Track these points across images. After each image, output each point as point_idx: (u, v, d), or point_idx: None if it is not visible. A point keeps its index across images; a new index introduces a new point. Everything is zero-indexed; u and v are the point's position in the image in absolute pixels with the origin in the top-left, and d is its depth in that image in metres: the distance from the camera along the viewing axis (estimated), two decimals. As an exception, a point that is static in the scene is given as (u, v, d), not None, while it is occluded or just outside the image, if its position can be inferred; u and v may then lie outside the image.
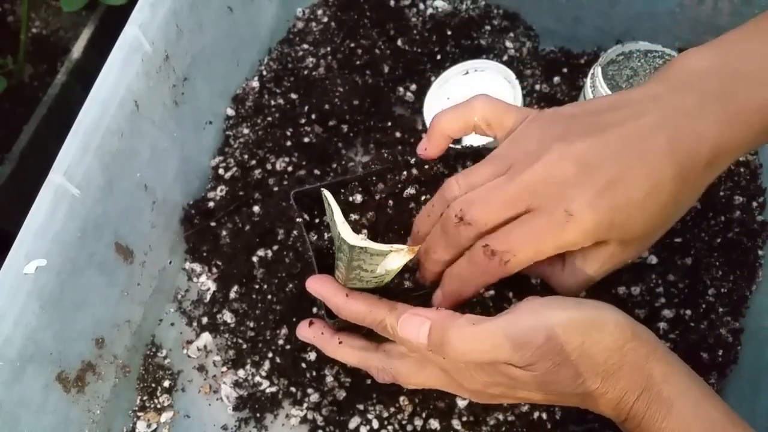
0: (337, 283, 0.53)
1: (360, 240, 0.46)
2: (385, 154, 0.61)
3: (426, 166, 0.60)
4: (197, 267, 0.71)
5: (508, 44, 0.82)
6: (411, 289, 0.52)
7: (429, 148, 0.56)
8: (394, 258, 0.47)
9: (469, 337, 0.45)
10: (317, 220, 0.59)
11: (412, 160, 0.60)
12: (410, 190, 0.58)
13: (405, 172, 0.60)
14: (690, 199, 0.49)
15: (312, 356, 0.64)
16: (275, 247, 0.69)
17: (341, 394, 0.64)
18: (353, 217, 0.58)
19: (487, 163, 0.51)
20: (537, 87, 0.79)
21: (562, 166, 0.46)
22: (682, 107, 0.47)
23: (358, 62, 0.80)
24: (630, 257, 0.50)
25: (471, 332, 0.45)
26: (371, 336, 0.55)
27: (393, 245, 0.46)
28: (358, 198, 0.59)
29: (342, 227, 0.46)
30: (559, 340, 0.44)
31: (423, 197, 0.58)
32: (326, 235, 0.58)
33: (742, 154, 0.48)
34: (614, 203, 0.46)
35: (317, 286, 0.53)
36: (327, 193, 0.48)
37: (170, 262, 0.72)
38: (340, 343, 0.56)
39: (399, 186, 0.59)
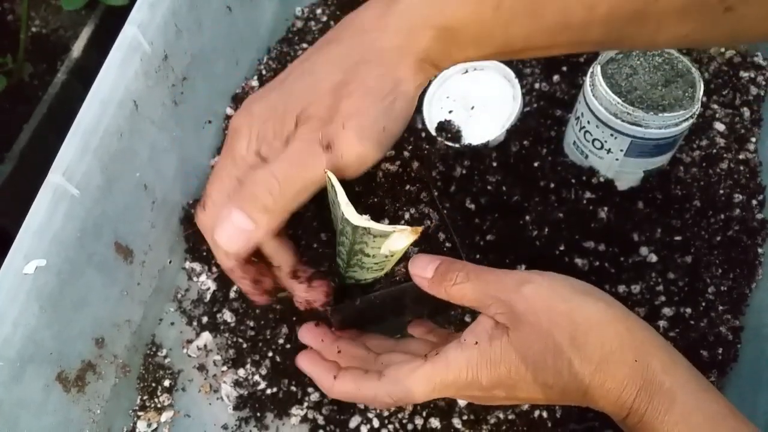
0: (325, 362, 0.55)
1: (364, 220, 0.46)
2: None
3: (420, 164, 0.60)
4: (197, 266, 0.71)
5: (508, 43, 0.82)
6: (404, 279, 0.53)
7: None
8: (398, 238, 0.47)
9: (465, 273, 0.49)
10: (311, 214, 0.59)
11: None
12: (408, 187, 0.59)
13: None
14: (398, 99, 0.50)
15: (312, 355, 0.64)
16: (275, 247, 0.69)
17: (341, 394, 0.64)
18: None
19: None
20: (536, 85, 0.79)
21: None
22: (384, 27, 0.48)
23: (357, 61, 0.80)
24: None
25: (468, 269, 0.49)
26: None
27: (396, 226, 0.46)
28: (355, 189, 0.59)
29: (346, 208, 0.46)
30: (543, 299, 0.46)
31: (421, 193, 0.58)
32: (323, 236, 0.57)
33: (446, 62, 0.50)
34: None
35: (306, 366, 0.56)
36: (331, 174, 0.48)
37: (170, 262, 0.72)
38: (339, 352, 0.56)
39: (396, 180, 0.59)
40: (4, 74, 0.85)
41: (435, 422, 0.62)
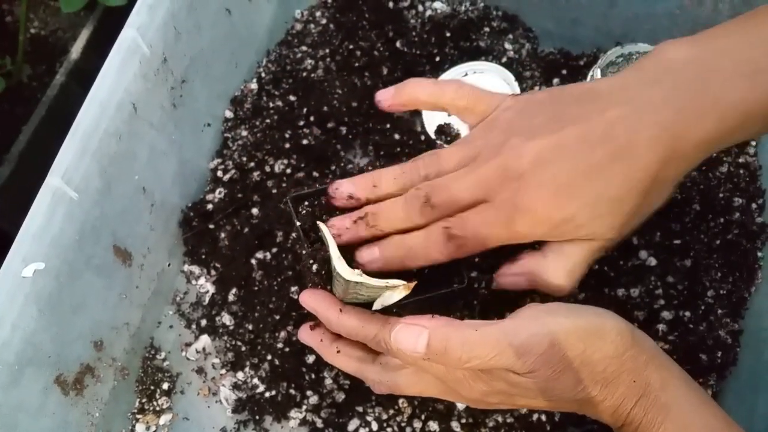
0: (330, 297, 0.54)
1: (356, 275, 0.46)
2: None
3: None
4: (196, 269, 0.71)
5: (507, 46, 0.82)
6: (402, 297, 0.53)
7: (392, 105, 0.58)
8: (390, 295, 0.48)
9: (473, 343, 0.45)
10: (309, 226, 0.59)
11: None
12: None
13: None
14: (657, 191, 0.49)
15: (311, 359, 0.64)
16: (274, 250, 0.69)
17: (340, 397, 0.64)
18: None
19: (457, 149, 0.54)
20: (536, 88, 0.79)
21: (517, 161, 0.49)
22: (649, 99, 0.47)
23: (356, 64, 0.80)
24: (602, 248, 0.51)
25: (474, 338, 0.45)
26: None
27: (389, 281, 0.47)
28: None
29: (337, 262, 0.47)
30: (561, 348, 0.44)
31: None
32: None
33: (716, 149, 0.49)
34: (564, 201, 0.48)
35: (310, 300, 0.54)
36: (323, 227, 0.49)
37: (169, 265, 0.71)
38: (338, 351, 0.56)
39: None
40: (3, 76, 0.85)
41: (434, 425, 0.62)
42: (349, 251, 0.55)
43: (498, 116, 0.53)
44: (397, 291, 0.48)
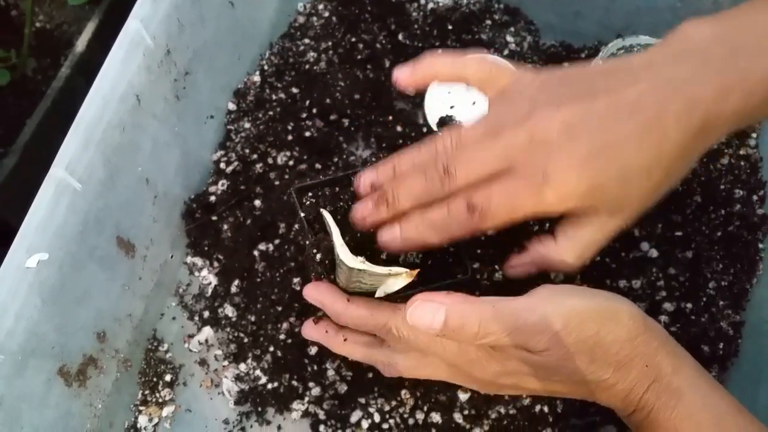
0: (335, 288, 0.53)
1: (359, 263, 0.46)
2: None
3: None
4: (199, 261, 0.72)
5: (509, 38, 0.82)
6: (408, 286, 0.53)
7: (411, 80, 0.57)
8: (393, 282, 0.48)
9: (489, 319, 0.45)
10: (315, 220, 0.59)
11: None
12: None
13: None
14: (681, 166, 0.49)
15: (313, 350, 0.64)
16: (277, 241, 0.69)
17: (343, 388, 0.64)
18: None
19: (479, 123, 0.52)
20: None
21: (546, 129, 0.47)
22: (677, 75, 0.47)
23: (359, 57, 0.80)
24: (619, 226, 0.50)
25: (491, 314, 0.46)
26: None
27: (392, 268, 0.47)
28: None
29: (340, 249, 0.47)
30: (575, 328, 0.45)
31: None
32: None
33: (740, 125, 0.49)
34: (595, 170, 0.47)
35: (315, 293, 0.54)
36: (326, 214, 0.49)
37: (172, 256, 0.72)
38: (345, 340, 0.56)
39: None
40: (8, 69, 0.85)
41: (436, 417, 0.62)
42: (353, 240, 0.55)
43: (522, 87, 0.51)
44: (400, 278, 0.48)
